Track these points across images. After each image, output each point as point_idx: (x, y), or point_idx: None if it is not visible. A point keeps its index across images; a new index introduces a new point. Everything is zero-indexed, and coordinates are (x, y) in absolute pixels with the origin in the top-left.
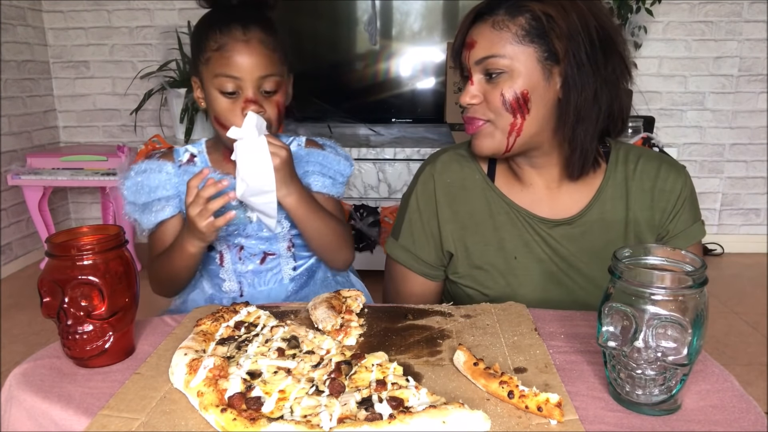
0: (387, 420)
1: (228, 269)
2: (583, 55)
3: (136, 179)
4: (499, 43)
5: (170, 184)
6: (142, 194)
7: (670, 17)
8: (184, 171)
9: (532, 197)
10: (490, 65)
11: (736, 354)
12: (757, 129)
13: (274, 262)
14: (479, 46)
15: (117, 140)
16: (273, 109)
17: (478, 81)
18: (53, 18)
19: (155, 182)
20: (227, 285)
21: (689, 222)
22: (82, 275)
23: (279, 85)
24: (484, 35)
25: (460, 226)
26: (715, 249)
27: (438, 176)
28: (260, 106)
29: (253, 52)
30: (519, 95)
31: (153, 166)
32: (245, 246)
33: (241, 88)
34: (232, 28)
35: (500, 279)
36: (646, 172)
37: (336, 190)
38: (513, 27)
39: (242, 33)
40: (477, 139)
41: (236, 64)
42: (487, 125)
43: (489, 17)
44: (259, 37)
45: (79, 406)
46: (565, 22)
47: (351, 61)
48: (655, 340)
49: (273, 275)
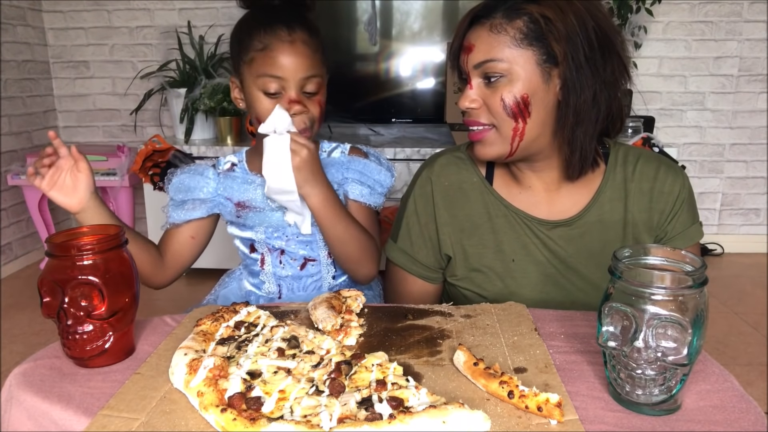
0: (387, 420)
1: (268, 272)
2: (581, 57)
3: (182, 176)
4: (498, 47)
5: (208, 188)
6: (181, 191)
7: (670, 17)
8: (223, 178)
9: (531, 199)
10: (489, 69)
11: (736, 354)
12: (757, 129)
13: (314, 269)
14: (477, 50)
15: (117, 140)
16: (316, 108)
17: (477, 85)
18: (53, 18)
19: (194, 183)
20: (267, 287)
21: (688, 223)
22: (82, 275)
23: (320, 86)
24: (482, 39)
25: (458, 228)
26: (715, 249)
27: (436, 179)
28: (304, 106)
29: (298, 52)
30: (519, 99)
31: (198, 169)
32: (286, 250)
33: (284, 88)
34: (276, 29)
35: (498, 281)
36: (645, 174)
37: (374, 200)
38: (511, 30)
39: (287, 33)
40: (481, 146)
41: (281, 65)
42: (490, 132)
43: (486, 20)
44: (302, 38)
45: (79, 406)
46: (563, 24)
47: (351, 61)
48: (655, 340)
49: (313, 282)
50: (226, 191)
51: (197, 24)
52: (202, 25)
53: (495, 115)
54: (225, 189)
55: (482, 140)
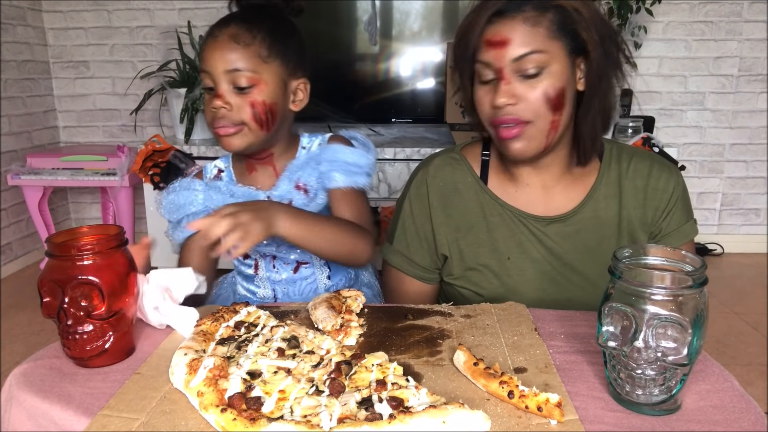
0: (387, 420)
1: (262, 277)
2: (607, 44)
3: (170, 197)
4: (538, 39)
5: (197, 201)
6: (174, 211)
7: (670, 17)
8: (210, 187)
9: (527, 197)
10: (530, 62)
11: (736, 354)
12: (757, 129)
13: (307, 271)
14: (516, 43)
15: (117, 140)
16: (246, 107)
17: (515, 80)
18: (53, 18)
19: (183, 199)
20: (261, 292)
21: (682, 221)
22: (82, 275)
23: (254, 82)
24: (518, 31)
25: (453, 229)
26: (715, 249)
27: (431, 180)
28: (227, 103)
29: (222, 46)
30: (560, 91)
31: (184, 184)
32: (277, 255)
33: (215, 83)
34: (214, 26)
35: (494, 279)
36: (639, 171)
37: (354, 181)
38: (545, 21)
39: (218, 28)
40: (519, 143)
41: (206, 58)
42: (528, 127)
43: (516, 14)
44: (232, 33)
45: (79, 406)
46: (588, 12)
47: (351, 61)
48: (655, 340)
49: (308, 284)
50: (212, 204)
51: (197, 24)
52: (202, 25)
53: (533, 110)
54: (210, 201)
55: (521, 137)
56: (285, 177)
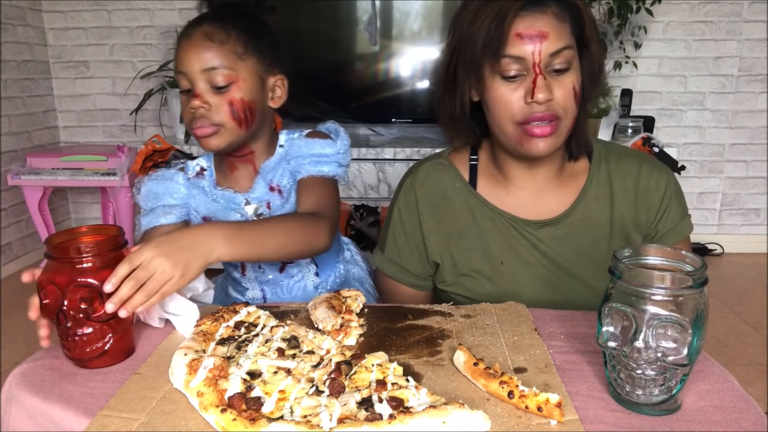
0: (387, 420)
1: (250, 277)
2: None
3: (149, 184)
4: (566, 34)
5: (178, 194)
6: (150, 199)
7: (670, 17)
8: (193, 184)
9: (517, 201)
10: (563, 57)
11: (736, 354)
12: (757, 129)
13: (294, 270)
14: (553, 37)
15: (117, 140)
16: (224, 106)
17: (549, 75)
18: (53, 18)
19: (163, 189)
20: (250, 293)
21: (678, 219)
22: (81, 278)
23: (231, 80)
24: (552, 26)
25: (444, 235)
26: (715, 249)
27: (419, 187)
28: (206, 103)
29: (196, 45)
30: (580, 86)
31: (167, 174)
32: None
33: (192, 84)
34: (187, 27)
35: (488, 284)
36: (628, 171)
37: (317, 170)
38: (567, 17)
39: (191, 28)
40: (549, 141)
41: (180, 59)
42: (556, 123)
43: (546, 8)
44: (205, 31)
45: (79, 407)
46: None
47: (351, 61)
48: (655, 340)
49: (296, 282)
50: (194, 201)
51: None
52: None
53: (564, 106)
54: (192, 198)
55: (554, 134)
56: (260, 178)
